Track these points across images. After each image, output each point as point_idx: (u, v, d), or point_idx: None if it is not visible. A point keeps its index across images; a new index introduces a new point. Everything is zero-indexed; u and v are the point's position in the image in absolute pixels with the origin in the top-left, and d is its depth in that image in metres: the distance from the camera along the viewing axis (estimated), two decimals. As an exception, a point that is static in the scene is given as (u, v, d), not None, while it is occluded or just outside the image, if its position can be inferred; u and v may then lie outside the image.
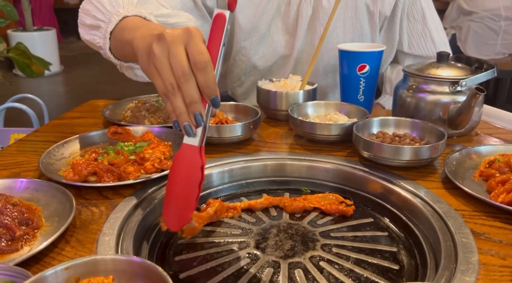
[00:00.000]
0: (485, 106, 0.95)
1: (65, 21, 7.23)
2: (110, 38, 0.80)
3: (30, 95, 1.50)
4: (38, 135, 0.93)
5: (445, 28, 3.31)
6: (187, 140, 0.55)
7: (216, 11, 0.53)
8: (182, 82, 0.53)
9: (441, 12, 3.38)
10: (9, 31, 4.80)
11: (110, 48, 0.81)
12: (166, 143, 0.82)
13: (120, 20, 0.79)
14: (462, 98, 0.84)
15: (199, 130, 0.55)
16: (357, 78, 0.98)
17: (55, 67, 4.93)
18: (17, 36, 4.74)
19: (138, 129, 0.87)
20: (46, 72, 2.17)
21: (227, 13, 0.53)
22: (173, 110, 0.55)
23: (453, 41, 3.22)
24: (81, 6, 0.91)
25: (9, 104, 1.38)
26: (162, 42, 0.55)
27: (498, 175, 0.69)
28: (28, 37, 4.75)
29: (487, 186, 0.68)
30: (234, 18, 1.12)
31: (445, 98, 0.85)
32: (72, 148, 0.82)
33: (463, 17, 3.12)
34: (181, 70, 0.53)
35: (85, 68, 5.21)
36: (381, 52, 0.98)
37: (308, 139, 0.88)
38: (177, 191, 0.56)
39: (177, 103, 0.54)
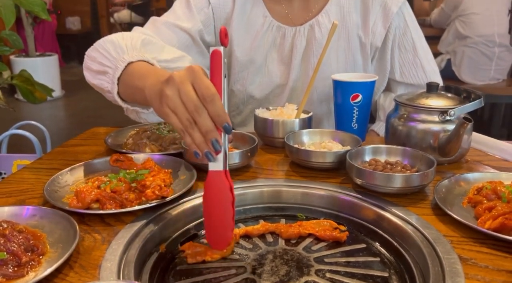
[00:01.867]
0: (474, 133, 0.98)
1: (67, 47, 7.35)
2: (118, 83, 0.86)
3: (33, 122, 1.54)
4: (42, 163, 0.96)
5: (440, 53, 3.39)
6: (211, 166, 0.62)
7: (212, 48, 0.60)
8: (196, 116, 0.60)
9: (437, 38, 3.47)
10: (12, 57, 4.88)
11: (118, 92, 0.88)
12: (166, 170, 0.85)
13: (126, 66, 0.85)
14: (451, 127, 0.87)
15: (220, 156, 0.61)
16: (350, 107, 1.02)
17: (57, 92, 4.99)
18: (20, 62, 4.82)
19: (139, 157, 0.90)
20: (48, 97, 2.22)
21: (221, 49, 0.59)
22: (192, 141, 0.62)
23: (448, 66, 3.29)
24: (86, 53, 0.97)
25: (13, 131, 1.42)
26: (171, 84, 0.62)
27: (485, 202, 0.71)
28: (31, 62, 4.83)
29: (475, 212, 0.71)
30: (231, 50, 1.17)
31: (435, 127, 0.89)
32: (76, 175, 0.85)
33: (458, 42, 3.20)
34: (193, 105, 0.59)
35: (86, 92, 5.27)
36: (373, 82, 1.02)
37: (303, 166, 0.90)
38: (214, 214, 0.63)
39: (195, 134, 0.61)
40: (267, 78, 1.19)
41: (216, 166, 0.61)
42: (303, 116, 1.04)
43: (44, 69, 4.86)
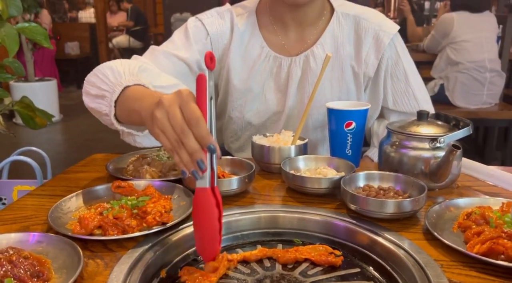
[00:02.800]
0: (464, 159, 1.02)
1: (66, 71, 7.44)
2: (115, 106, 0.90)
3: (34, 148, 1.57)
4: (45, 189, 0.98)
5: (433, 78, 3.45)
6: (198, 184, 0.66)
7: (198, 72, 0.64)
8: (182, 137, 0.65)
9: (430, 63, 3.54)
10: (11, 82, 4.93)
11: (115, 115, 0.92)
12: (166, 196, 0.88)
13: (122, 90, 0.90)
14: (441, 154, 0.91)
15: (206, 174, 0.65)
16: (344, 134, 1.06)
17: (55, 116, 5.03)
18: (19, 87, 4.87)
19: (140, 183, 0.93)
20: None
21: (206, 73, 0.64)
22: (180, 161, 0.66)
23: (441, 91, 3.36)
24: (86, 79, 1.01)
25: (14, 157, 1.44)
26: (161, 107, 0.67)
27: (474, 226, 0.74)
28: (30, 87, 4.89)
29: (464, 237, 0.73)
30: (229, 79, 1.22)
31: (426, 154, 0.92)
32: (78, 202, 0.87)
33: (450, 68, 3.27)
34: (179, 127, 0.65)
35: (84, 116, 5.31)
36: (366, 110, 1.06)
37: (299, 192, 0.93)
38: (202, 228, 0.68)
39: (182, 154, 0.66)
40: (264, 105, 1.23)
41: (202, 183, 0.66)
42: (299, 142, 1.08)
43: (43, 93, 4.91)
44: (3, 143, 3.40)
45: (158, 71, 1.07)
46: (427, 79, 3.45)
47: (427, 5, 7.00)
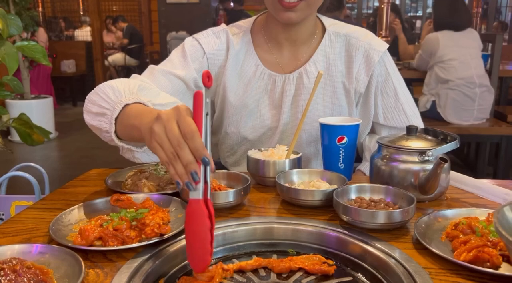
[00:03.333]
0: (453, 173, 1.05)
1: (62, 88, 7.49)
2: (115, 123, 0.95)
3: (32, 164, 1.59)
4: (45, 203, 1.00)
5: (425, 94, 3.51)
6: (191, 195, 0.68)
7: (195, 90, 0.69)
8: (178, 150, 0.68)
9: (421, 80, 3.61)
10: (7, 100, 4.95)
11: (115, 132, 0.96)
12: (164, 209, 0.90)
13: (123, 108, 0.94)
14: (430, 167, 0.94)
15: (199, 186, 0.68)
16: (336, 148, 1.09)
17: (52, 133, 5.05)
18: (15, 104, 4.90)
19: (138, 197, 0.96)
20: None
21: (203, 90, 0.68)
22: (175, 173, 0.69)
23: (433, 107, 3.42)
24: (87, 97, 1.06)
25: (13, 173, 1.46)
26: (159, 122, 0.71)
27: (461, 236, 0.77)
28: (26, 105, 4.92)
29: (452, 246, 0.76)
30: (225, 96, 1.26)
31: (415, 167, 0.96)
32: (78, 215, 0.90)
33: (440, 85, 3.34)
34: (176, 140, 0.68)
35: (79, 133, 5.34)
36: (357, 125, 1.10)
37: (293, 204, 0.96)
38: (194, 239, 0.69)
39: (177, 167, 0.69)
40: (259, 121, 1.26)
41: (195, 194, 0.68)
42: (293, 156, 1.11)
43: (38, 111, 4.93)
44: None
45: (157, 90, 1.11)
46: (419, 96, 3.51)
47: (418, 23, 7.15)
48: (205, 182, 0.69)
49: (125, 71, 8.66)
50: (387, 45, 1.25)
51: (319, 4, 1.18)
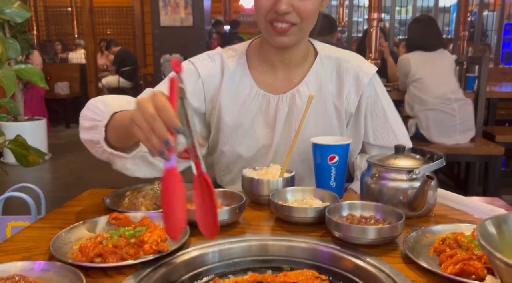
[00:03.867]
0: (440, 190, 1.09)
1: (55, 110, 7.49)
2: (105, 131, 1.03)
3: (29, 185, 1.61)
4: (44, 222, 1.03)
5: (409, 117, 3.57)
6: (166, 164, 0.74)
7: (170, 75, 0.80)
8: (152, 124, 0.74)
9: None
10: (0, 122, 4.96)
11: (105, 138, 1.04)
12: (161, 227, 0.93)
13: (112, 116, 1.03)
14: (418, 184, 0.98)
15: (173, 155, 0.74)
16: (328, 167, 1.13)
17: (48, 154, 5.06)
18: (9, 126, 4.90)
19: (136, 215, 0.98)
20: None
21: (176, 75, 0.76)
22: (152, 147, 0.75)
23: (418, 130, 3.48)
24: (81, 113, 1.13)
25: (10, 193, 1.48)
26: (137, 106, 0.79)
27: (448, 250, 0.80)
28: (19, 127, 4.92)
29: (439, 260, 0.80)
30: (220, 116, 1.30)
31: (404, 185, 0.99)
32: (78, 233, 0.92)
33: (418, 107, 3.40)
34: (150, 116, 0.75)
35: (72, 155, 5.34)
36: (348, 145, 1.14)
37: (287, 221, 0.99)
38: (169, 204, 0.75)
39: (153, 140, 0.75)
40: (254, 139, 1.31)
41: (169, 164, 0.74)
42: (286, 175, 1.14)
43: (32, 133, 4.94)
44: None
45: None
46: (407, 117, 3.58)
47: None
48: (197, 157, 0.75)
49: (118, 93, 8.64)
50: (376, 68, 1.31)
51: (311, 29, 1.24)
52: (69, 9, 10.06)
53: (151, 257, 0.81)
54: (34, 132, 5.03)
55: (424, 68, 3.33)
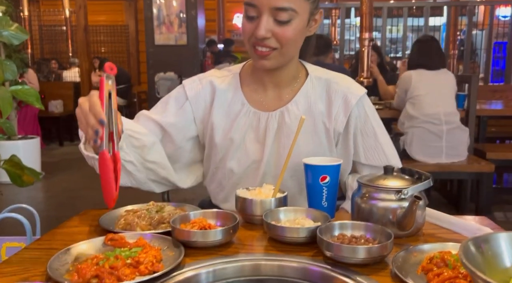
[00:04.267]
0: (429, 210, 1.12)
1: (48, 129, 7.49)
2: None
3: (24, 205, 1.62)
4: (41, 243, 1.04)
5: (402, 134, 3.61)
6: (99, 149, 0.96)
7: (102, 76, 0.98)
8: (87, 118, 0.97)
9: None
10: (-6, 140, 4.96)
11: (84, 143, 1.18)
12: (157, 247, 0.95)
13: None
14: (406, 204, 1.01)
15: (104, 142, 0.96)
16: (320, 187, 1.16)
17: (43, 173, 5.05)
18: (2, 145, 4.87)
19: (131, 236, 1.00)
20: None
21: (104, 76, 0.97)
22: (88, 136, 0.97)
23: (402, 147, 3.53)
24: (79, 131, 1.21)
25: (5, 214, 1.49)
26: (78, 104, 1.02)
27: (435, 269, 0.83)
28: (12, 145, 4.91)
29: (427, 278, 0.82)
30: (213, 134, 1.34)
31: (393, 205, 1.02)
32: (74, 254, 0.93)
33: (407, 123, 3.45)
34: (85, 112, 0.98)
35: (66, 173, 5.32)
36: (339, 165, 1.17)
37: (280, 241, 1.01)
38: (104, 178, 0.96)
39: (89, 131, 0.97)
40: (245, 155, 1.34)
41: (101, 148, 0.96)
42: (279, 195, 1.17)
43: (25, 151, 4.92)
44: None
45: (133, 123, 1.30)
46: (401, 134, 3.63)
47: (399, 64, 7.43)
48: (112, 141, 0.97)
49: (112, 111, 8.71)
50: (365, 90, 1.35)
51: (295, 53, 1.30)
52: (64, 28, 10.12)
53: (146, 277, 0.82)
54: (28, 151, 5.03)
55: (424, 86, 3.38)
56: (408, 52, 5.72)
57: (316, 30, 1.32)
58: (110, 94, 0.97)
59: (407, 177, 1.09)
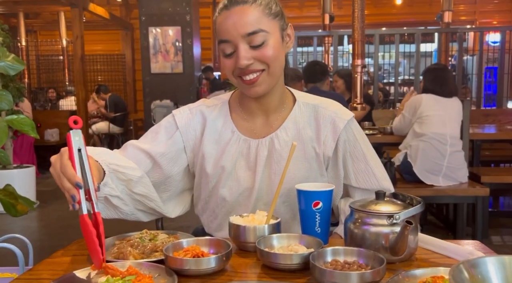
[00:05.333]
0: (421, 235, 1.12)
1: (44, 157, 7.46)
2: None
3: (18, 235, 1.61)
4: (32, 274, 1.03)
5: (399, 150, 3.64)
6: (79, 212, 0.94)
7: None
8: (60, 182, 0.96)
9: (397, 144, 3.77)
10: (-12, 170, 4.94)
11: None
12: (149, 275, 0.94)
13: None
14: (398, 229, 1.01)
15: (83, 206, 0.95)
16: (313, 213, 1.16)
17: (37, 202, 5.03)
18: (-3, 174, 4.87)
19: (124, 264, 0.99)
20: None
21: (71, 132, 0.97)
22: (67, 198, 0.96)
23: (405, 159, 3.56)
24: None
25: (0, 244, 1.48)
26: (51, 166, 1.00)
27: (428, 293, 0.83)
28: (7, 174, 4.89)
29: (419, 303, 0.82)
30: (203, 163, 1.35)
31: (385, 230, 1.03)
32: (66, 284, 0.93)
33: (415, 139, 3.51)
34: (57, 175, 0.97)
35: (60, 202, 5.28)
36: (331, 191, 1.18)
37: (273, 268, 1.01)
38: (88, 243, 0.96)
39: (65, 193, 0.95)
40: (236, 182, 1.35)
41: (80, 211, 0.94)
42: (272, 222, 1.17)
43: (20, 180, 4.91)
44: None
45: (119, 156, 1.30)
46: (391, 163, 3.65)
47: (392, 89, 7.53)
48: (91, 200, 0.96)
49: (108, 139, 8.74)
50: (353, 114, 1.37)
51: (281, 71, 1.32)
52: (61, 57, 10.24)
53: (138, 306, 0.82)
54: (23, 180, 5.01)
55: (434, 108, 3.46)
56: (401, 77, 5.82)
57: (292, 46, 1.34)
58: (80, 150, 0.96)
59: (399, 202, 1.09)
